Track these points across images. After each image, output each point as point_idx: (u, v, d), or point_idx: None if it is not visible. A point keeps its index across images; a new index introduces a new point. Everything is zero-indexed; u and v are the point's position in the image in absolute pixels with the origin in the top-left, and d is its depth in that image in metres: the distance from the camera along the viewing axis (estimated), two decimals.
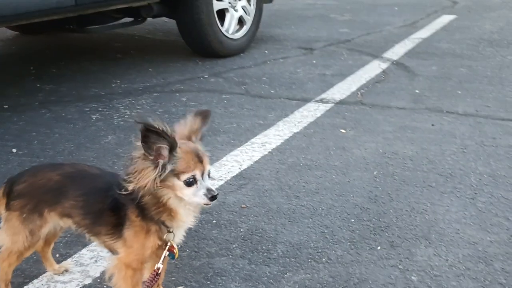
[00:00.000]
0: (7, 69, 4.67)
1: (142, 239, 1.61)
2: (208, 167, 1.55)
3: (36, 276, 1.93)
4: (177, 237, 1.65)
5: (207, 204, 1.55)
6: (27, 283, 1.90)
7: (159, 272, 1.65)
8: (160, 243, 1.62)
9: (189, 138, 1.60)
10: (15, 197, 1.70)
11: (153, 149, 1.49)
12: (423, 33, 6.18)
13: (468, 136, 3.23)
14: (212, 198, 1.53)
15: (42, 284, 1.90)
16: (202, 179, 1.53)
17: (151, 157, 1.50)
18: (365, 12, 7.60)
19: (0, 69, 4.61)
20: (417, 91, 4.12)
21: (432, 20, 6.93)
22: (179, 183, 1.52)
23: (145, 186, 1.51)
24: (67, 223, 1.74)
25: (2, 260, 1.75)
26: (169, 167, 1.51)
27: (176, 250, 1.65)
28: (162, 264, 1.65)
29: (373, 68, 4.72)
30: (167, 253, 1.64)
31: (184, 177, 1.51)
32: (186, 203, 1.58)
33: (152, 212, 1.58)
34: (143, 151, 1.50)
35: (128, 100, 3.88)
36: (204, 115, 1.63)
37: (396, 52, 5.29)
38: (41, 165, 2.20)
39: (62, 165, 1.83)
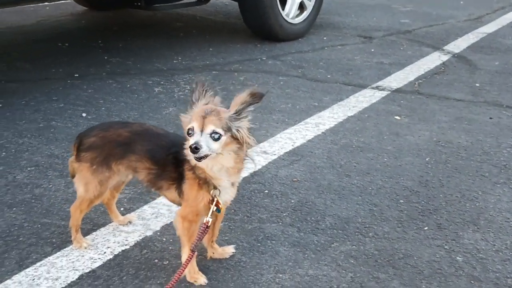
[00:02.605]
0: (77, 41, 4.95)
1: (195, 192, 1.74)
2: (209, 127, 1.58)
3: (103, 225, 2.12)
4: (223, 194, 1.74)
5: (193, 158, 1.59)
6: (95, 230, 2.09)
7: (208, 225, 1.76)
8: (210, 198, 1.74)
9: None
10: (85, 149, 1.86)
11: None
12: (488, 28, 6.00)
13: None
14: (192, 149, 1.56)
15: (109, 232, 2.07)
16: (201, 135, 1.58)
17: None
18: (428, 4, 7.43)
19: (70, 42, 4.89)
20: (477, 84, 4.05)
21: (498, 16, 6.71)
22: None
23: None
24: (132, 176, 1.89)
25: (76, 207, 1.93)
26: None
27: (221, 205, 1.76)
28: (210, 217, 1.75)
29: (433, 60, 4.66)
30: (215, 208, 1.75)
31: (187, 128, 1.63)
32: None
33: (195, 168, 1.70)
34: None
35: (188, 76, 4.04)
36: (251, 94, 1.64)
37: (458, 45, 5.18)
38: (112, 121, 2.37)
39: (131, 123, 1.98)
